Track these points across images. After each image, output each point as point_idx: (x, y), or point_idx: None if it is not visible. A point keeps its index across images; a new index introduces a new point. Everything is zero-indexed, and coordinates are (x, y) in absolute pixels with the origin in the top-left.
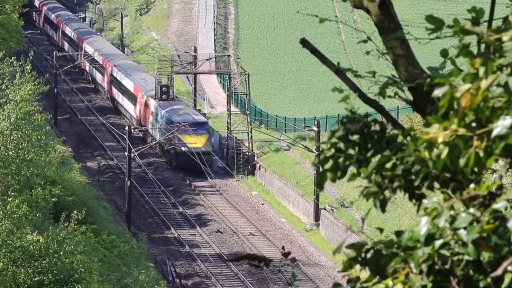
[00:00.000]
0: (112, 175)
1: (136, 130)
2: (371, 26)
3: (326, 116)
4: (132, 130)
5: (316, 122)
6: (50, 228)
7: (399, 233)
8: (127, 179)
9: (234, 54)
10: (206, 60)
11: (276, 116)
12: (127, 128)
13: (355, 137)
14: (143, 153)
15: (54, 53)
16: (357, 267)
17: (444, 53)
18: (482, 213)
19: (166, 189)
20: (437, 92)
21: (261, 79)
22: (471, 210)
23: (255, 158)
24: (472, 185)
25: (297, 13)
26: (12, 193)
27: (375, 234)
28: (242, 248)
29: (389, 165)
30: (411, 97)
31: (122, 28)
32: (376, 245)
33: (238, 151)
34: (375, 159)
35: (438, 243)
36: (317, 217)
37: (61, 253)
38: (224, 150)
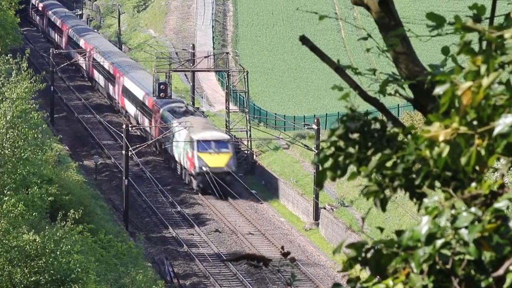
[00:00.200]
0: (109, 174)
1: (134, 128)
2: (371, 23)
3: (326, 114)
4: (130, 129)
5: (315, 120)
6: (47, 227)
7: (399, 233)
8: (124, 178)
9: (232, 52)
10: (205, 57)
11: (275, 114)
12: (124, 126)
13: (355, 136)
14: (140, 151)
15: (50, 51)
16: (357, 267)
17: (445, 50)
18: (484, 212)
19: (164, 188)
20: (438, 90)
21: (260, 76)
22: (473, 209)
23: (254, 156)
24: (473, 184)
25: (297, 10)
26: (8, 192)
27: (375, 234)
28: (241, 247)
29: (389, 164)
30: (411, 95)
31: (119, 25)
32: (377, 245)
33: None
34: (376, 158)
35: (439, 242)
36: (316, 216)
37: (58, 252)
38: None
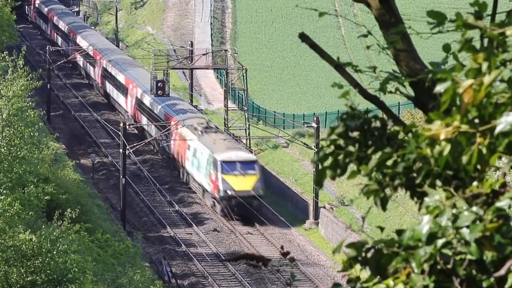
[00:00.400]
0: (106, 173)
1: (131, 126)
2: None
3: (326, 112)
4: (127, 127)
5: (315, 119)
6: (43, 227)
7: (400, 232)
8: (122, 176)
9: (231, 49)
10: (203, 55)
11: (274, 112)
12: (122, 124)
13: (355, 134)
14: (138, 150)
15: (47, 48)
16: (357, 266)
17: (446, 47)
18: (485, 212)
19: (161, 187)
20: (439, 88)
21: (259, 74)
22: (474, 208)
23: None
24: (475, 183)
25: (296, 7)
26: (4, 191)
27: (375, 233)
28: (239, 247)
29: (390, 163)
30: (412, 93)
31: (116, 22)
32: (377, 244)
33: None
34: (376, 156)
35: (440, 242)
36: (316, 216)
37: (54, 252)
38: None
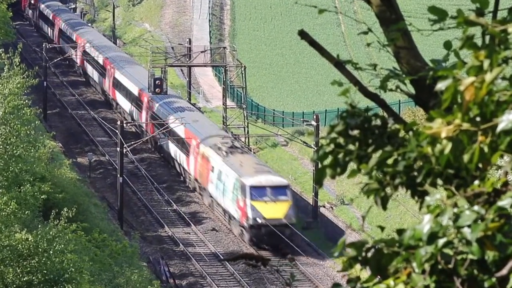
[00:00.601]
0: (103, 172)
1: (129, 124)
2: (372, 17)
3: (325, 110)
4: (125, 125)
5: (314, 117)
6: (40, 226)
7: (400, 232)
8: (119, 175)
9: (230, 46)
10: (201, 52)
11: (274, 110)
12: (119, 122)
13: (355, 132)
14: (135, 148)
15: (43, 45)
16: (358, 266)
17: (447, 45)
18: (487, 211)
19: (159, 186)
20: (440, 86)
21: (258, 72)
22: (476, 207)
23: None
24: (476, 182)
25: (295, 4)
26: (0, 190)
27: (376, 233)
28: (238, 247)
29: (390, 161)
30: (413, 91)
31: (114, 19)
32: (377, 244)
33: None
34: (376, 155)
35: (441, 241)
36: (315, 215)
37: (51, 252)
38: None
